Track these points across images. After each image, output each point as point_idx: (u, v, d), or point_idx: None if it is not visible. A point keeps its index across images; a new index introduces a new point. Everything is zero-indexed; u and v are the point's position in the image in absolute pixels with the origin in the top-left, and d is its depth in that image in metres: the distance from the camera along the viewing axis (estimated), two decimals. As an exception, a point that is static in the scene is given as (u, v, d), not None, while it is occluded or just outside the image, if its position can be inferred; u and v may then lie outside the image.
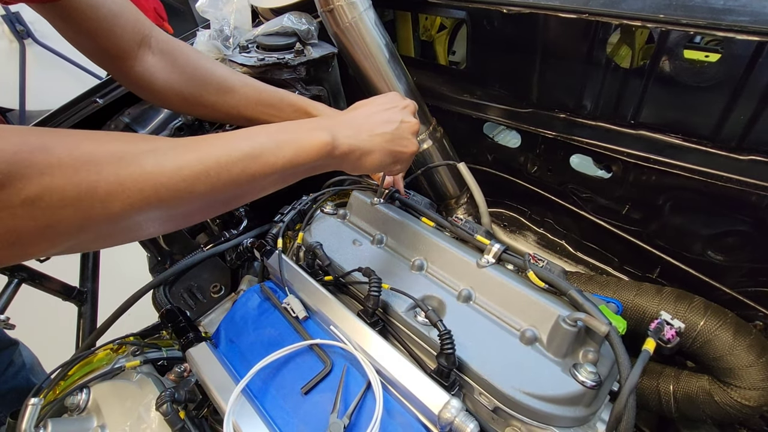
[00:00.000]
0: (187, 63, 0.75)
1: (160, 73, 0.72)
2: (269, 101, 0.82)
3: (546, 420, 0.55)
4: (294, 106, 0.84)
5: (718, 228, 0.94)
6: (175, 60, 0.74)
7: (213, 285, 1.01)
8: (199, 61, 0.77)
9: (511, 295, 0.65)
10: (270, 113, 0.83)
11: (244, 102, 0.80)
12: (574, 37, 0.89)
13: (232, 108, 0.80)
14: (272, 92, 0.84)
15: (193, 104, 0.77)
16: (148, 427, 0.59)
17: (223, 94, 0.79)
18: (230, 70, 0.81)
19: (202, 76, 0.77)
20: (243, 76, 0.82)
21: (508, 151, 1.27)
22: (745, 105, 0.76)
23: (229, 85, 0.79)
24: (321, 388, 0.60)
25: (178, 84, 0.74)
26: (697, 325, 0.78)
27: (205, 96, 0.77)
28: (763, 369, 0.74)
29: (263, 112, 0.82)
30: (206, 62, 0.78)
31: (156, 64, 0.72)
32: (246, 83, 0.81)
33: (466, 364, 0.59)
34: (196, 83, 0.76)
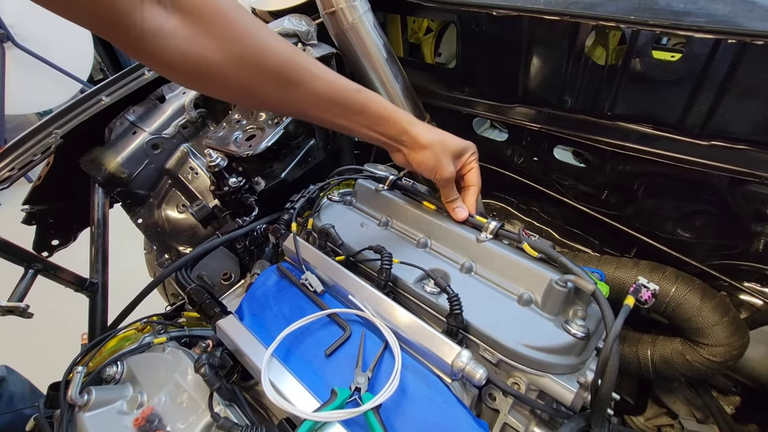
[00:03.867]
0: (231, 31, 0.52)
1: (185, 45, 0.49)
2: (348, 104, 0.67)
3: (543, 368, 0.63)
4: (378, 116, 0.72)
5: (686, 209, 1.05)
6: (211, 24, 0.50)
7: (223, 273, 1.06)
8: (249, 29, 0.54)
9: (508, 264, 0.73)
10: (345, 119, 0.69)
11: (314, 101, 0.64)
12: (556, 37, 0.98)
13: (294, 106, 0.65)
14: (352, 93, 0.67)
15: (241, 94, 0.59)
16: (185, 391, 0.64)
17: (284, 87, 0.60)
18: (296, 50, 0.60)
19: (254, 55, 0.55)
20: (314, 63, 0.62)
21: (495, 144, 1.36)
22: (705, 97, 0.87)
23: (295, 77, 0.60)
24: (342, 351, 0.67)
25: (217, 63, 0.52)
26: (669, 291, 0.87)
27: (257, 86, 0.58)
28: (727, 327, 0.84)
29: (338, 116, 0.68)
30: (261, 33, 0.56)
31: (176, 29, 0.49)
32: (317, 74, 0.62)
33: (472, 324, 0.67)
34: (244, 65, 0.55)
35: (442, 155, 0.77)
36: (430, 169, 0.78)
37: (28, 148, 1.05)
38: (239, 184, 1.00)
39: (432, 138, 0.76)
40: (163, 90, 1.27)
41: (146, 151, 1.22)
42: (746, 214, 0.95)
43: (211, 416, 0.59)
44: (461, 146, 0.80)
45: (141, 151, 1.21)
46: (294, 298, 0.76)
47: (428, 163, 0.77)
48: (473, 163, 0.83)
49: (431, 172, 0.78)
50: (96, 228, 1.15)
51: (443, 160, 0.77)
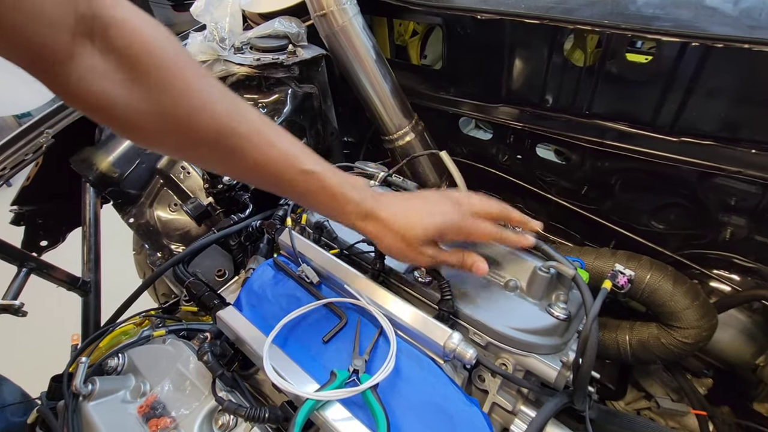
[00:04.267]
0: (164, 84, 0.46)
1: (115, 90, 0.44)
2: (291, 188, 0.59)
3: (529, 349, 0.67)
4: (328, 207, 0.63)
5: (659, 202, 1.12)
6: (144, 72, 0.45)
7: (217, 270, 1.07)
8: (188, 84, 0.48)
9: (495, 253, 0.77)
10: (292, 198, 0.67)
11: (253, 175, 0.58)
12: (536, 40, 1.04)
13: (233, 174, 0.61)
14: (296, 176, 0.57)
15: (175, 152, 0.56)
16: (187, 379, 0.66)
17: (219, 155, 0.53)
18: (241, 114, 0.53)
19: (187, 116, 0.48)
20: (260, 131, 0.54)
21: (481, 143, 1.41)
22: (674, 97, 0.93)
23: (231, 146, 0.52)
24: (339, 337, 0.70)
25: (146, 116, 0.46)
26: (644, 278, 0.93)
27: (189, 148, 0.52)
28: (698, 310, 0.90)
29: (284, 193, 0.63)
30: (201, 90, 0.49)
31: (108, 71, 0.43)
32: (260, 147, 0.54)
33: (461, 310, 0.71)
34: (174, 124, 0.48)
35: (412, 248, 0.64)
36: (397, 258, 0.68)
37: (18, 147, 1.05)
38: (233, 182, 1.02)
39: (389, 240, 0.64)
40: (153, 90, 1.28)
41: (138, 151, 1.22)
42: (713, 206, 1.01)
43: (216, 400, 0.61)
44: (439, 227, 0.63)
45: (133, 151, 1.22)
46: (291, 289, 0.79)
47: (398, 258, 0.68)
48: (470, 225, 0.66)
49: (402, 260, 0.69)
50: (88, 227, 1.16)
51: (413, 254, 0.65)
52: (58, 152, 1.16)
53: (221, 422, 0.61)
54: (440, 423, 0.58)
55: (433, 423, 0.58)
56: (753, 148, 0.89)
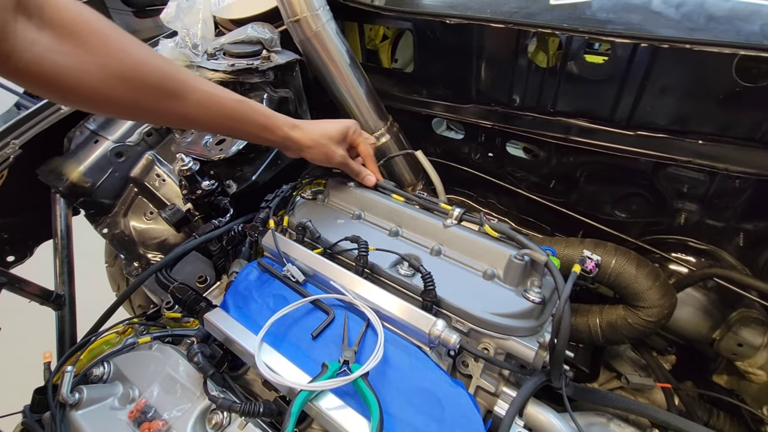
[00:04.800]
0: (107, 47, 0.53)
1: (63, 60, 0.49)
2: (232, 115, 0.74)
3: (508, 332, 0.71)
4: (261, 125, 0.80)
5: (621, 192, 1.19)
6: (85, 40, 0.51)
7: (198, 276, 1.07)
8: (126, 45, 0.55)
9: (473, 245, 0.82)
10: (232, 129, 0.77)
11: (198, 112, 0.68)
12: (502, 43, 1.09)
13: (180, 117, 0.67)
14: (234, 104, 0.73)
15: (125, 108, 0.60)
16: (177, 382, 0.66)
17: (166, 99, 0.63)
18: (176, 66, 0.64)
19: (134, 70, 0.57)
20: (195, 77, 0.67)
21: (453, 142, 1.46)
22: (629, 94, 1.01)
23: (176, 89, 0.63)
24: (328, 332, 0.72)
25: (97, 78, 0.53)
26: (610, 263, 1.00)
27: (140, 99, 0.59)
28: (659, 290, 0.97)
29: (225, 126, 0.75)
30: (138, 48, 0.57)
31: (51, 44, 0.48)
32: (198, 87, 0.67)
33: (444, 299, 0.74)
34: (124, 79, 0.56)
35: (328, 145, 0.89)
36: (322, 162, 0.91)
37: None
38: (212, 188, 1.03)
39: (313, 136, 0.87)
40: (124, 98, 1.26)
41: (110, 160, 1.20)
42: (668, 194, 1.10)
43: (209, 398, 0.62)
44: (341, 129, 0.92)
45: (104, 160, 1.20)
46: (277, 289, 0.80)
47: (318, 157, 0.90)
48: (358, 137, 0.96)
49: (326, 163, 0.92)
50: (59, 239, 1.13)
51: (330, 150, 0.89)
52: (24, 164, 1.13)
53: (215, 421, 0.61)
54: (429, 406, 0.61)
55: (422, 406, 0.61)
56: (700, 138, 0.97)
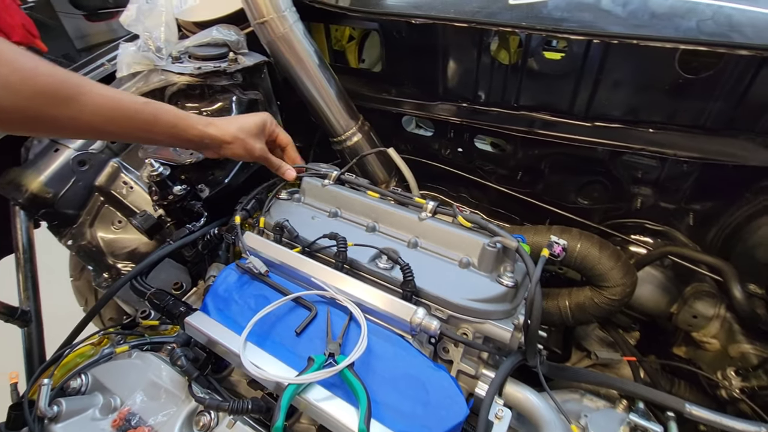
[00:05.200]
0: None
1: None
2: (138, 117, 0.69)
3: (485, 316, 0.75)
4: (172, 125, 0.76)
5: (583, 180, 1.26)
6: None
7: (174, 283, 1.05)
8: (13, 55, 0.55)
9: (448, 236, 0.85)
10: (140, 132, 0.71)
11: (100, 116, 0.64)
12: (466, 41, 1.14)
13: (81, 124, 0.62)
14: (140, 105, 0.69)
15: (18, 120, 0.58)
16: (161, 387, 0.66)
17: (61, 104, 0.59)
18: (68, 71, 0.61)
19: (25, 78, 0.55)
20: (90, 81, 0.63)
21: (423, 139, 1.50)
22: (585, 87, 1.07)
23: (71, 92, 0.60)
24: (311, 328, 0.73)
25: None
26: (576, 247, 1.06)
27: (33, 108, 0.57)
28: (621, 270, 1.04)
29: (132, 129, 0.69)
30: (26, 57, 0.56)
31: None
32: (95, 90, 0.63)
33: (422, 289, 0.77)
34: (16, 88, 0.55)
35: (247, 140, 0.89)
36: (243, 157, 0.91)
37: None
38: (184, 192, 1.01)
39: (231, 131, 0.86)
40: (85, 104, 1.22)
41: (72, 169, 1.16)
42: (625, 180, 1.17)
43: (196, 400, 0.62)
44: (259, 122, 0.92)
45: (66, 169, 1.15)
46: (257, 290, 0.80)
47: (239, 152, 0.89)
48: (276, 128, 0.98)
49: (246, 158, 0.91)
50: (21, 253, 1.08)
51: (249, 144, 0.89)
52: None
53: (202, 423, 0.61)
54: (414, 390, 0.63)
55: (407, 391, 0.63)
56: (650, 127, 1.04)
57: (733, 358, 1.11)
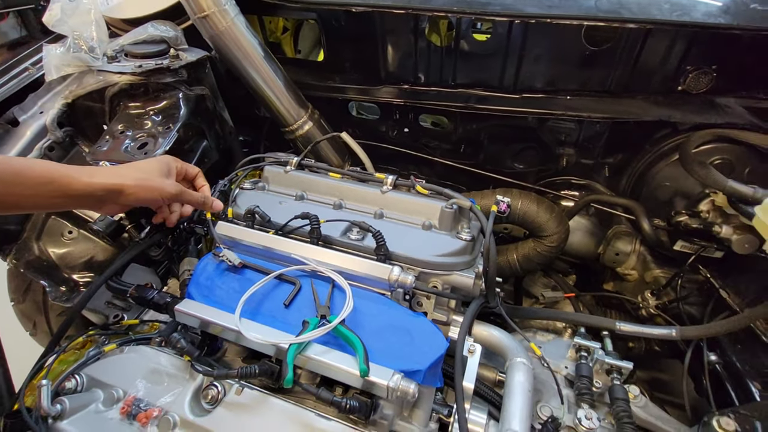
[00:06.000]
0: None
1: None
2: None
3: (450, 268, 0.86)
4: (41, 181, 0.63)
5: (517, 148, 1.42)
6: None
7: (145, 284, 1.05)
8: None
9: (409, 204, 0.94)
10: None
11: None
12: (402, 27, 1.22)
13: None
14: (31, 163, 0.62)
15: None
16: (162, 371, 0.69)
17: None
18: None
19: None
20: None
21: (371, 123, 1.57)
22: (511, 64, 1.21)
23: None
24: (298, 300, 0.79)
25: None
26: (518, 205, 1.21)
27: None
28: (556, 220, 1.21)
29: None
30: None
31: None
32: None
33: (394, 252, 0.86)
34: None
35: (153, 180, 0.77)
36: (153, 201, 0.78)
37: None
38: (144, 192, 1.00)
39: (128, 174, 0.74)
40: (13, 112, 1.14)
41: (10, 181, 1.09)
42: (552, 143, 1.34)
43: (204, 374, 0.66)
44: (161, 161, 0.81)
45: (3, 182, 1.08)
46: (239, 273, 0.85)
47: (147, 196, 0.76)
48: (182, 164, 0.87)
49: (157, 200, 0.79)
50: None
51: (156, 183, 0.76)
52: None
53: (210, 396, 0.66)
54: (399, 335, 0.72)
55: (393, 338, 0.72)
56: (568, 95, 1.21)
57: (648, 283, 1.33)
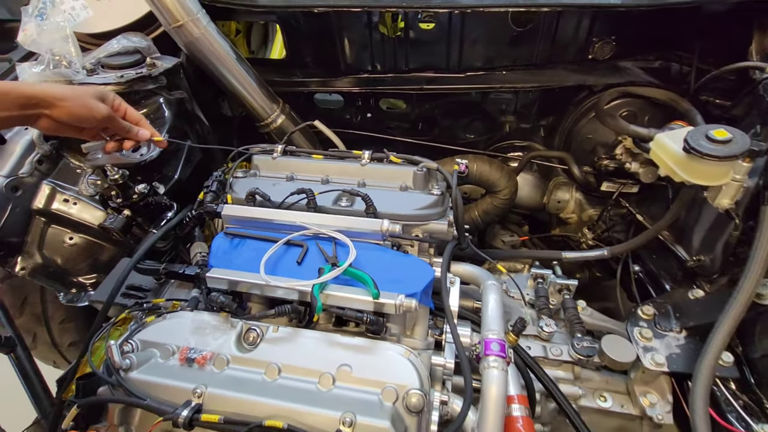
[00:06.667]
0: None
1: None
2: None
3: (427, 218, 1.05)
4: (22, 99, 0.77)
5: (466, 120, 1.64)
6: None
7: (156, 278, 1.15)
8: None
9: (386, 172, 1.12)
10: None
11: None
12: (358, 23, 1.39)
13: None
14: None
15: None
16: (206, 326, 0.82)
17: None
18: None
19: None
20: None
21: (335, 112, 1.73)
22: (454, 47, 1.41)
23: None
24: (307, 259, 0.94)
25: None
26: (474, 167, 1.42)
27: None
28: (506, 176, 1.44)
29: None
30: None
31: None
32: None
33: (380, 211, 1.03)
34: None
35: (85, 98, 0.85)
36: (85, 117, 0.86)
37: None
38: (146, 190, 1.11)
39: (63, 89, 0.84)
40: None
41: (7, 196, 1.15)
42: (495, 113, 1.57)
43: (245, 319, 0.80)
44: (97, 88, 0.91)
45: (1, 197, 1.14)
46: (252, 245, 0.99)
47: (78, 111, 0.84)
48: (122, 102, 0.96)
49: (88, 119, 0.87)
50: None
51: (89, 102, 0.85)
52: None
53: (251, 337, 0.80)
54: (396, 271, 0.90)
55: (391, 273, 0.90)
56: (504, 70, 1.43)
57: (585, 222, 1.61)
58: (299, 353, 0.79)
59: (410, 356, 0.78)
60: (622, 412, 1.08)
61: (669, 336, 1.07)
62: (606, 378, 1.12)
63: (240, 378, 0.75)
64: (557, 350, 1.11)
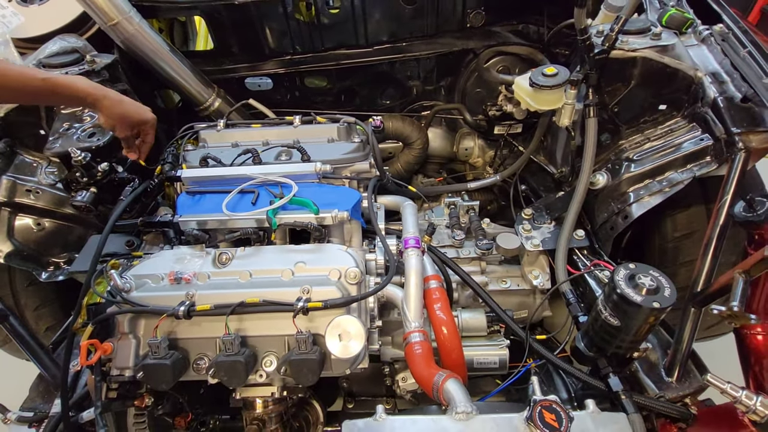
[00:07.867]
0: None
1: None
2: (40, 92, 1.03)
3: (353, 160, 1.32)
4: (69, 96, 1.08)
5: (382, 88, 1.92)
6: None
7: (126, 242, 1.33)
8: None
9: (315, 130, 1.38)
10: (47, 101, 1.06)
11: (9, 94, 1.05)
12: (275, 11, 1.61)
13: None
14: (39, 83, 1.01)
15: None
16: (185, 257, 1.04)
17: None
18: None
19: None
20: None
21: (266, 93, 1.94)
22: (361, 25, 1.68)
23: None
24: (259, 200, 1.18)
25: None
26: (389, 125, 1.72)
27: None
28: (417, 129, 1.75)
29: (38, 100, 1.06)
30: None
31: None
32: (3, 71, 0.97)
33: (314, 160, 1.29)
34: None
35: (140, 105, 1.22)
36: (134, 113, 1.20)
37: None
38: (108, 167, 1.28)
39: (116, 93, 1.15)
40: (-48, 134, 1.29)
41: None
42: (403, 79, 1.87)
43: (219, 242, 1.03)
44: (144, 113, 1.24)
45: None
46: (212, 198, 1.20)
47: (132, 108, 1.19)
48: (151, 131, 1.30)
49: (136, 116, 1.21)
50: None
51: (145, 108, 1.23)
52: None
53: (225, 257, 1.03)
54: (330, 196, 1.17)
55: (327, 198, 1.16)
56: (404, 42, 1.73)
57: (486, 162, 1.97)
58: (264, 261, 1.04)
59: (348, 250, 1.06)
60: (519, 289, 1.44)
61: (543, 227, 1.43)
62: (506, 268, 1.48)
63: (220, 282, 0.99)
64: (466, 251, 1.45)
